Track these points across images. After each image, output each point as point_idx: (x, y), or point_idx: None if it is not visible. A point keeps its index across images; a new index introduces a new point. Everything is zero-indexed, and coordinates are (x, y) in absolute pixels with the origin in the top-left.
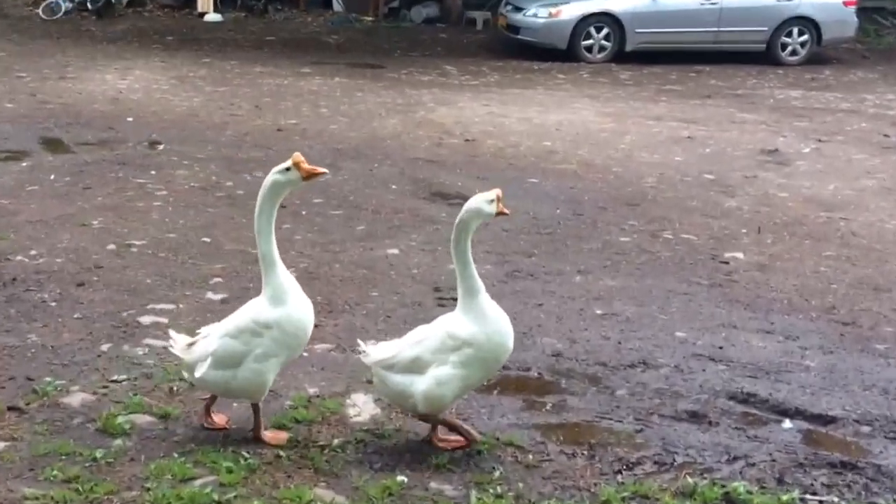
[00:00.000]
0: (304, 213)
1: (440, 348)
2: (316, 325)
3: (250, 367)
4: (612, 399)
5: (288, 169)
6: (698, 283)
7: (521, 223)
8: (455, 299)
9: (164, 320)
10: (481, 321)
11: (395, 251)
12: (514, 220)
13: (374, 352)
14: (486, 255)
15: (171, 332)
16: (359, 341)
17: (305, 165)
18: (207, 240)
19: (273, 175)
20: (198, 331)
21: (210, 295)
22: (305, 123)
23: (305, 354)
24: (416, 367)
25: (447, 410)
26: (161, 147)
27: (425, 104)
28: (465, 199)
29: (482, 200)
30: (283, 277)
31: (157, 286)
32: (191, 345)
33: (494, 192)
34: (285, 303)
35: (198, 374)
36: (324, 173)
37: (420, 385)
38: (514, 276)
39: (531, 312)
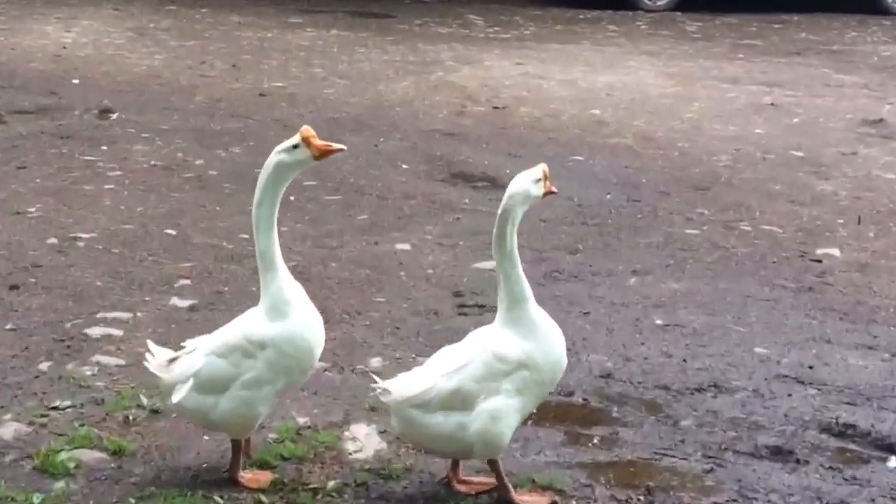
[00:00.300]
0: (292, 198)
1: (487, 375)
2: None
3: (237, 396)
4: (676, 431)
5: (295, 146)
6: (783, 286)
7: (562, 211)
8: (480, 306)
9: (118, 332)
10: (532, 335)
11: (406, 246)
12: (555, 208)
13: (397, 387)
14: (519, 251)
15: (150, 344)
16: (373, 377)
17: (317, 141)
18: (172, 232)
19: (277, 155)
20: (182, 343)
21: (175, 301)
22: (294, 87)
23: None
24: (458, 402)
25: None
26: (114, 116)
27: (444, 63)
28: (493, 181)
29: (529, 180)
30: (286, 284)
31: (108, 290)
32: (172, 361)
33: (540, 168)
34: (286, 316)
35: (176, 398)
36: (340, 150)
37: (472, 424)
38: (553, 278)
39: (575, 323)
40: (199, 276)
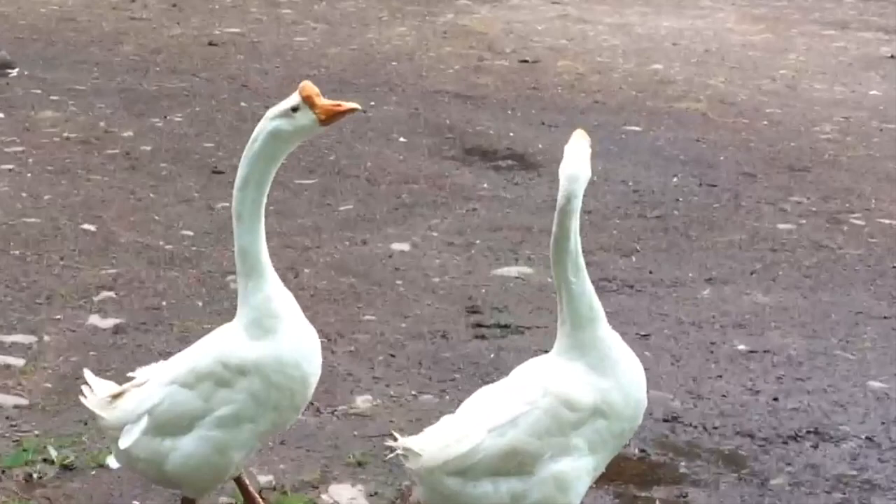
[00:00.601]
0: None
1: (553, 427)
2: None
3: (206, 437)
4: (764, 492)
5: (294, 109)
6: None
7: (613, 200)
8: (503, 326)
9: (18, 362)
10: (608, 368)
11: (405, 246)
12: (603, 195)
13: (428, 448)
14: None
15: (88, 374)
16: (394, 434)
17: (323, 101)
18: (91, 227)
19: (272, 121)
20: (130, 374)
21: (95, 319)
22: (256, 34)
23: None
24: (514, 465)
25: None
26: (13, 73)
27: (455, 2)
28: (521, 158)
29: (585, 157)
30: (274, 293)
31: (6, 305)
32: (117, 396)
33: (586, 141)
34: (273, 333)
35: (124, 443)
36: (353, 110)
37: (532, 494)
38: (602, 288)
39: (631, 348)
40: (127, 286)
